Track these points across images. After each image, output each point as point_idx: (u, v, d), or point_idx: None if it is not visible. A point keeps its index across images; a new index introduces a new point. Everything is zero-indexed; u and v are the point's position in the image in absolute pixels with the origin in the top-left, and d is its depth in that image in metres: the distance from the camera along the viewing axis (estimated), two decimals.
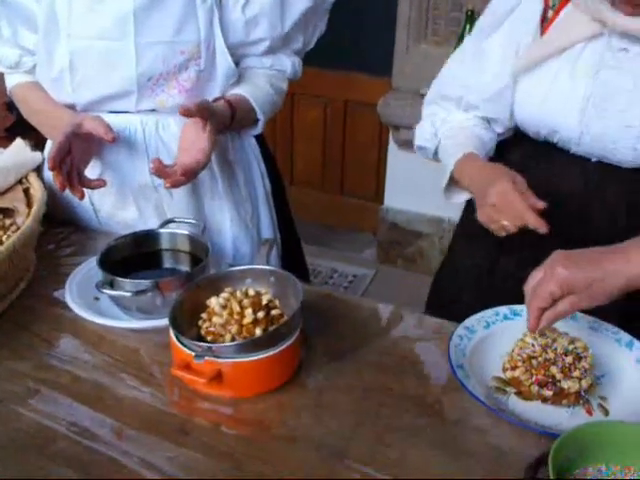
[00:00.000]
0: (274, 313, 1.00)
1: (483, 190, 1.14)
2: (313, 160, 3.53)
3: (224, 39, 1.32)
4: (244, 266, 1.11)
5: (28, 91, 1.40)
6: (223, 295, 1.02)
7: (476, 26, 1.33)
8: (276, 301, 1.02)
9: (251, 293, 1.02)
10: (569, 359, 0.96)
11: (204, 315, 1.01)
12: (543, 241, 1.07)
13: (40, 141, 1.45)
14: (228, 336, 0.96)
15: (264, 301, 1.00)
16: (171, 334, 0.97)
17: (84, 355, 1.06)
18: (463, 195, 1.29)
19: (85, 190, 1.27)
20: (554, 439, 0.79)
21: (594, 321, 1.08)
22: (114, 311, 1.14)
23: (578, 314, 1.07)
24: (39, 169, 1.39)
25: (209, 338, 0.98)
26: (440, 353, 1.04)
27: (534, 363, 0.97)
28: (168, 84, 1.32)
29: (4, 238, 1.16)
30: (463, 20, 2.65)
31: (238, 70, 1.40)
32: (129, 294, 1.08)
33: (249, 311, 0.97)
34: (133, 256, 1.21)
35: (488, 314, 1.11)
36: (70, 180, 1.24)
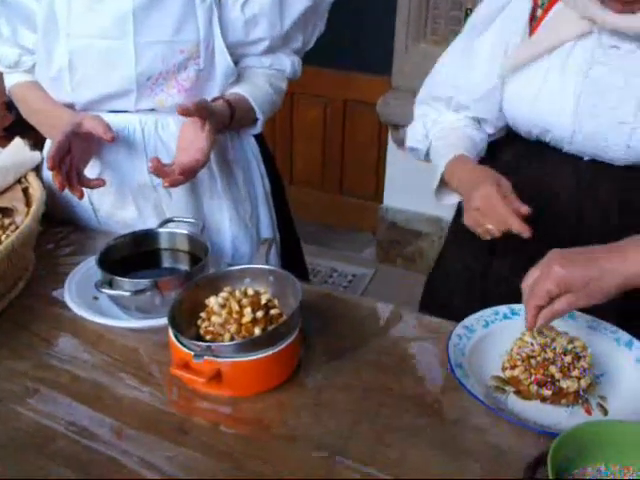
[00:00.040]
0: (273, 312, 1.00)
1: (469, 193, 1.14)
2: (312, 159, 3.53)
3: (223, 38, 1.32)
4: (243, 265, 1.11)
5: (27, 90, 1.40)
6: (222, 294, 1.02)
7: (466, 25, 1.32)
8: (275, 300, 1.02)
9: (250, 292, 1.02)
10: (568, 358, 0.96)
11: (203, 314, 1.01)
12: (536, 243, 1.07)
13: (39, 140, 1.44)
14: (227, 335, 0.96)
15: (263, 300, 1.00)
16: (170, 333, 0.97)
17: (83, 354, 1.06)
18: (454, 197, 1.28)
19: (84, 189, 1.27)
20: (553, 438, 0.79)
21: (593, 320, 1.08)
22: (113, 310, 1.14)
23: (577, 313, 1.07)
24: (38, 168, 1.39)
25: (208, 337, 0.98)
26: (439, 352, 1.04)
27: (533, 362, 0.97)
28: (167, 83, 1.32)
29: (3, 237, 1.16)
30: (463, 19, 2.65)
31: (237, 69, 1.40)
32: (128, 293, 1.08)
33: (248, 310, 0.97)
34: (132, 255, 1.21)
35: (487, 313, 1.11)
36: (69, 180, 1.24)
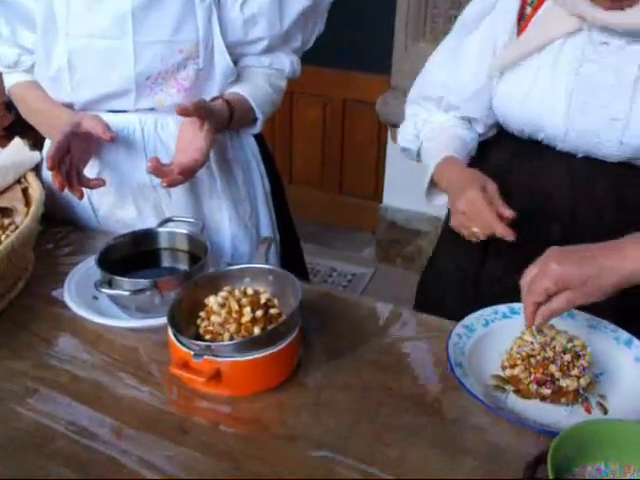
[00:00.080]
0: (272, 312, 1.00)
1: (455, 196, 1.14)
2: (312, 159, 3.53)
3: (223, 38, 1.32)
4: (242, 265, 1.11)
5: (26, 90, 1.40)
6: (221, 294, 1.02)
7: (456, 25, 1.32)
8: (275, 300, 1.02)
9: (250, 292, 1.02)
10: (568, 357, 0.96)
11: (202, 314, 1.01)
12: (530, 242, 1.06)
13: (39, 140, 1.44)
14: (226, 335, 0.96)
15: (262, 300, 1.00)
16: (169, 333, 0.97)
17: (83, 354, 1.06)
18: (444, 197, 1.28)
19: (84, 189, 1.27)
20: (553, 437, 0.79)
21: (592, 319, 1.08)
22: (113, 310, 1.14)
23: (576, 312, 1.07)
24: (38, 168, 1.39)
25: (207, 337, 0.98)
26: (439, 352, 1.04)
27: (533, 361, 0.97)
28: (167, 83, 1.32)
29: (3, 237, 1.16)
30: None
31: (237, 69, 1.40)
32: (128, 293, 1.08)
33: (247, 310, 0.97)
34: (132, 255, 1.21)
35: (487, 312, 1.11)
36: (69, 179, 1.24)
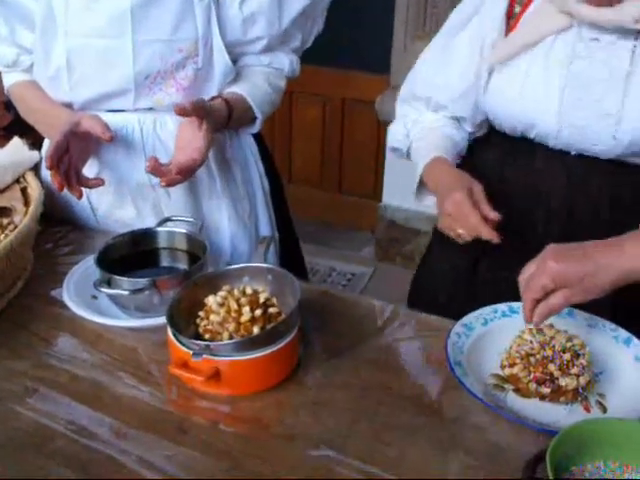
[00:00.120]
0: (272, 311, 1.00)
1: (442, 198, 1.14)
2: (311, 158, 3.53)
3: (222, 37, 1.32)
4: (242, 264, 1.11)
5: (25, 90, 1.40)
6: (221, 293, 1.02)
7: (445, 24, 1.32)
8: (274, 299, 1.02)
9: (249, 291, 1.01)
10: (567, 356, 0.96)
11: (202, 313, 1.01)
12: (526, 241, 1.06)
13: (38, 140, 1.44)
14: (226, 334, 0.96)
15: (261, 299, 1.00)
16: (169, 332, 0.97)
17: (82, 354, 1.05)
18: (433, 198, 1.27)
19: (83, 189, 1.26)
20: (552, 436, 0.79)
21: (592, 318, 1.08)
22: (112, 310, 1.14)
23: (575, 311, 1.07)
24: (37, 168, 1.39)
25: (207, 336, 0.98)
26: (438, 351, 1.04)
27: (532, 360, 0.97)
28: (166, 82, 1.32)
29: (2, 237, 1.16)
30: None
31: (236, 68, 1.39)
32: (127, 292, 1.08)
33: (246, 309, 0.97)
34: (131, 255, 1.21)
35: (486, 311, 1.11)
36: (68, 179, 1.24)
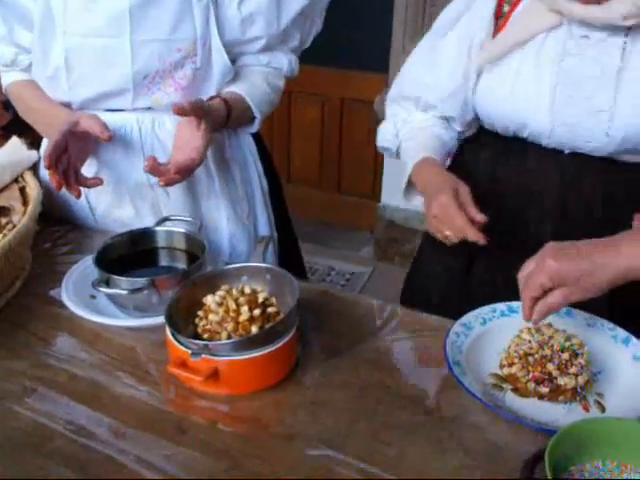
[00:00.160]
0: (270, 311, 1.00)
1: (428, 200, 1.14)
2: (310, 158, 3.53)
3: (220, 37, 1.32)
4: (240, 264, 1.11)
5: (24, 89, 1.40)
6: (219, 293, 1.02)
7: (434, 24, 1.32)
8: (272, 299, 1.02)
9: (247, 291, 1.01)
10: (565, 356, 0.96)
11: (200, 313, 1.01)
12: (520, 240, 1.06)
13: (36, 139, 1.44)
14: (224, 334, 0.96)
15: (260, 299, 1.00)
16: (167, 332, 0.97)
17: (81, 353, 1.05)
18: (421, 198, 1.26)
19: (81, 189, 1.26)
20: (551, 436, 0.79)
21: (590, 318, 1.08)
22: (110, 309, 1.14)
23: (574, 310, 1.07)
24: (35, 167, 1.39)
25: (205, 336, 0.98)
26: (437, 350, 1.04)
27: (531, 360, 0.97)
28: (164, 82, 1.32)
29: (0, 237, 1.16)
30: None
31: (234, 68, 1.39)
32: (125, 292, 1.08)
33: (245, 309, 0.97)
34: (129, 254, 1.21)
35: (485, 311, 1.11)
36: (67, 179, 1.24)
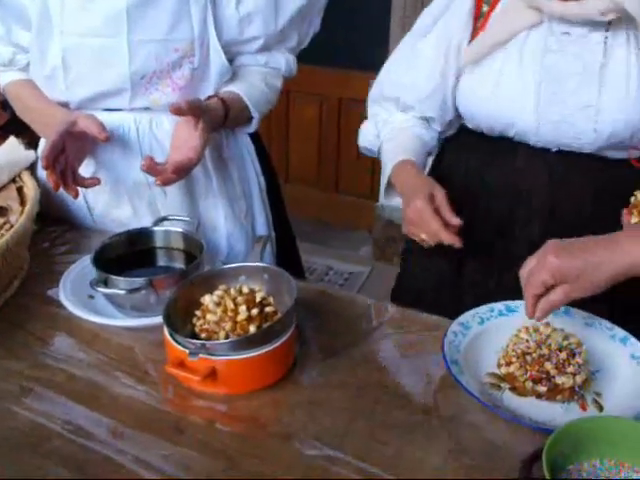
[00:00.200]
0: (268, 310, 1.00)
1: (405, 204, 1.15)
2: (308, 157, 3.53)
3: (218, 37, 1.32)
4: (238, 263, 1.11)
5: (21, 89, 1.40)
6: (217, 292, 1.02)
7: (414, 25, 1.32)
8: (270, 298, 1.02)
9: (245, 290, 1.01)
10: (563, 355, 0.96)
11: (198, 312, 1.01)
12: (509, 241, 1.06)
13: (34, 139, 1.44)
14: (222, 333, 0.96)
15: (258, 298, 1.00)
16: (165, 332, 0.97)
17: (79, 353, 1.05)
18: (400, 198, 1.26)
19: (79, 188, 1.26)
20: (548, 435, 0.79)
21: (589, 317, 1.08)
22: (108, 309, 1.14)
23: (572, 309, 1.08)
24: (33, 167, 1.38)
25: (203, 335, 0.98)
26: (435, 349, 1.04)
27: (528, 359, 0.97)
28: (162, 82, 1.31)
29: None
30: None
31: (232, 68, 1.39)
32: (123, 292, 1.08)
33: (243, 308, 0.97)
34: (127, 254, 1.21)
35: (483, 310, 1.11)
36: (64, 179, 1.24)
